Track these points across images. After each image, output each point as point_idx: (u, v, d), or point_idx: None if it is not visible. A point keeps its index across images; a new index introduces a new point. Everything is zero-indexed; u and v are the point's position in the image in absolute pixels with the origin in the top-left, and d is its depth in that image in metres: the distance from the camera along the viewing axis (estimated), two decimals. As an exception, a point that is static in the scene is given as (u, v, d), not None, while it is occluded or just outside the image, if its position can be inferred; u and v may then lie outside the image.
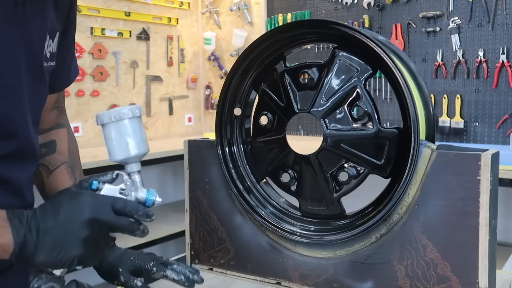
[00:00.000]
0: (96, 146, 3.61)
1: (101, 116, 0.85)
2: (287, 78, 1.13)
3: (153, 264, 1.03)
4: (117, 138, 0.85)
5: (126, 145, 0.85)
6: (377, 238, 1.03)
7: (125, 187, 0.85)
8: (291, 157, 1.14)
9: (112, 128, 0.84)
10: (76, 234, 0.79)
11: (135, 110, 0.85)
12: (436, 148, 0.98)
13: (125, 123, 0.84)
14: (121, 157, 0.85)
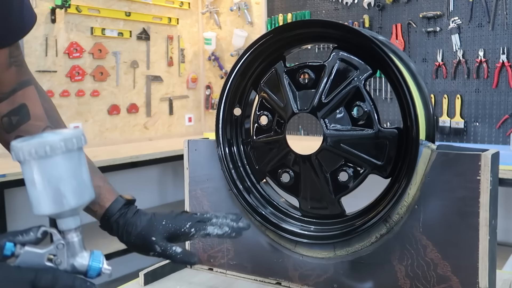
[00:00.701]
0: (97, 146, 3.61)
1: (18, 149, 0.58)
2: (287, 78, 1.13)
3: (189, 225, 0.89)
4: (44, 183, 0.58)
5: (56, 194, 0.59)
6: (377, 238, 1.03)
7: (55, 251, 0.61)
8: (291, 157, 1.14)
9: (35, 168, 0.58)
10: None
11: (71, 140, 0.61)
12: (436, 148, 0.98)
13: (55, 161, 0.58)
14: (50, 211, 0.60)
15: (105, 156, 3.16)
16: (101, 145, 3.66)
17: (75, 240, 0.62)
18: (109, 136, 3.74)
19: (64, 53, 3.42)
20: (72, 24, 3.45)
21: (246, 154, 1.20)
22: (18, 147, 0.58)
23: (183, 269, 1.27)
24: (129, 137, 3.87)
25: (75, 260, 0.62)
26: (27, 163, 0.58)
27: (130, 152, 3.33)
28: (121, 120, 3.82)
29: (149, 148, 3.54)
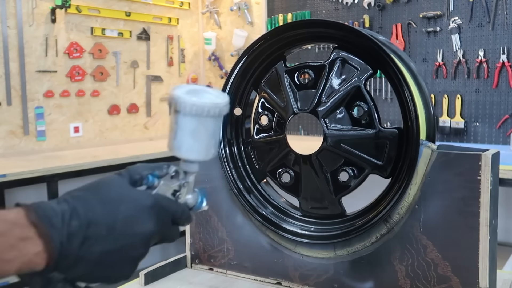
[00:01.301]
0: (97, 146, 3.61)
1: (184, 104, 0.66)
2: (287, 78, 1.13)
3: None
4: (196, 135, 0.68)
5: (202, 146, 0.69)
6: (378, 238, 1.03)
7: (178, 188, 0.71)
8: (292, 157, 1.14)
9: (195, 122, 0.67)
10: (133, 250, 0.63)
11: (225, 107, 0.69)
12: (436, 148, 0.98)
13: (214, 121, 0.68)
14: (193, 157, 0.69)
15: (105, 156, 3.16)
16: (101, 145, 3.66)
17: (191, 181, 0.72)
18: (109, 136, 3.75)
19: (64, 53, 3.42)
20: (72, 24, 3.45)
21: (247, 154, 1.20)
22: (186, 100, 0.66)
23: (183, 269, 1.27)
24: (129, 137, 3.87)
25: (188, 197, 0.72)
26: (193, 117, 0.67)
27: (130, 152, 3.33)
28: (121, 120, 3.82)
29: (150, 148, 3.54)
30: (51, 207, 0.59)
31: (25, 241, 0.56)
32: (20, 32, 3.17)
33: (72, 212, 0.59)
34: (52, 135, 3.39)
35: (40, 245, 0.56)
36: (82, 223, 0.59)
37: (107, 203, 0.62)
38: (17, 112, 3.19)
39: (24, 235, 0.56)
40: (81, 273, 0.60)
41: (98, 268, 0.61)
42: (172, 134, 0.69)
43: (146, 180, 0.69)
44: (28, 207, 0.58)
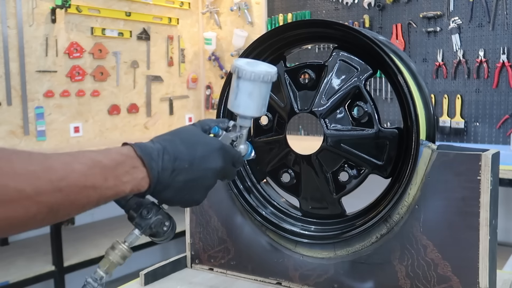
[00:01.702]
0: (97, 146, 3.61)
1: (245, 71, 0.84)
2: (287, 78, 1.13)
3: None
4: (254, 96, 0.86)
5: (256, 105, 0.87)
6: (378, 238, 1.03)
7: (235, 139, 0.89)
8: (292, 157, 1.14)
9: (252, 86, 0.85)
10: (206, 181, 0.81)
11: (275, 75, 0.87)
12: (436, 148, 0.98)
13: (266, 86, 0.86)
14: (249, 114, 0.88)
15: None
16: (101, 145, 3.66)
17: (245, 134, 0.90)
18: (110, 136, 3.75)
19: (64, 53, 3.42)
20: (72, 24, 3.45)
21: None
22: (251, 70, 0.84)
23: (183, 269, 1.27)
24: (130, 137, 3.87)
25: (241, 146, 0.90)
26: (248, 80, 0.85)
27: (131, 152, 3.32)
28: (122, 120, 3.82)
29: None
30: (150, 146, 0.76)
31: (135, 168, 0.73)
32: (20, 32, 3.17)
33: (164, 150, 0.77)
34: (52, 135, 3.39)
35: (144, 172, 0.74)
36: (171, 158, 0.77)
37: (188, 144, 0.80)
38: (17, 112, 3.19)
39: (134, 164, 0.73)
40: (168, 196, 0.78)
41: (179, 193, 0.79)
42: (233, 96, 0.87)
43: (214, 130, 0.87)
44: (134, 145, 0.75)
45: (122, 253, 0.82)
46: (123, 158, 0.72)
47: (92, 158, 0.69)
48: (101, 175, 0.69)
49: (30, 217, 0.62)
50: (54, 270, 2.95)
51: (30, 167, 0.62)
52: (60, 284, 2.98)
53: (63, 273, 3.00)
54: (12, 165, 0.60)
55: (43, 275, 2.91)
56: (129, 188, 0.73)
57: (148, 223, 0.81)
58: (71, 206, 0.66)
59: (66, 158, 0.67)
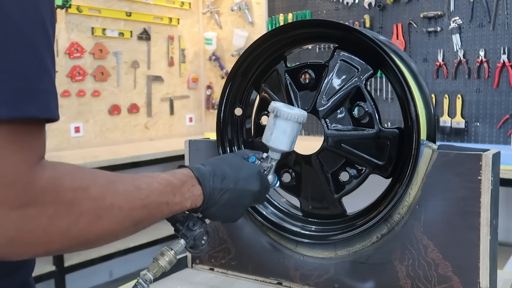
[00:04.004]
0: (97, 146, 3.61)
1: (284, 112, 0.96)
2: (288, 78, 1.13)
3: None
4: (287, 133, 0.98)
5: (288, 141, 0.98)
6: (378, 238, 1.03)
7: (267, 169, 1.00)
8: (292, 157, 1.14)
9: (288, 125, 0.97)
10: (245, 201, 0.92)
11: (304, 118, 0.99)
12: (437, 148, 0.98)
13: (298, 126, 0.98)
14: (282, 148, 0.99)
15: (106, 156, 3.16)
16: (101, 145, 3.66)
17: (274, 166, 1.01)
18: (110, 136, 3.75)
19: (64, 53, 3.43)
20: (72, 24, 3.45)
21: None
22: (289, 112, 0.96)
23: (184, 269, 1.27)
24: (130, 137, 3.87)
25: (269, 176, 1.01)
26: (284, 120, 0.97)
27: (131, 152, 3.33)
28: (122, 120, 3.82)
29: (150, 148, 3.54)
30: (203, 167, 0.87)
31: (194, 186, 0.84)
32: (21, 32, 3.16)
33: (214, 171, 0.88)
34: (52, 135, 3.39)
35: (200, 190, 0.85)
36: (220, 178, 0.88)
37: (233, 167, 0.91)
38: (18, 112, 3.19)
39: (193, 183, 0.84)
40: (213, 212, 0.88)
41: (222, 210, 0.88)
42: (269, 132, 0.99)
43: (251, 159, 0.98)
44: (190, 167, 0.86)
45: (169, 259, 0.90)
46: (186, 178, 0.84)
47: (166, 178, 0.80)
48: (172, 192, 0.79)
49: (122, 230, 0.71)
50: (55, 270, 2.96)
51: (127, 187, 0.71)
52: (60, 284, 2.98)
53: (64, 273, 3.00)
54: (116, 186, 0.69)
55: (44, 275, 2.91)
56: (189, 204, 0.83)
57: (193, 235, 0.89)
58: (149, 220, 0.76)
59: (147, 179, 0.76)
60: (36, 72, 0.60)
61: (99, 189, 0.66)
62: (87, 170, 0.68)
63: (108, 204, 0.67)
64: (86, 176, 0.66)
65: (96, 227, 0.66)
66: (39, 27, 0.62)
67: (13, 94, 0.57)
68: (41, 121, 0.61)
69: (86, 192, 0.64)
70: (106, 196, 0.67)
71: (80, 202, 0.63)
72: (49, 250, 0.65)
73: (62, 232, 0.63)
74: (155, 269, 0.90)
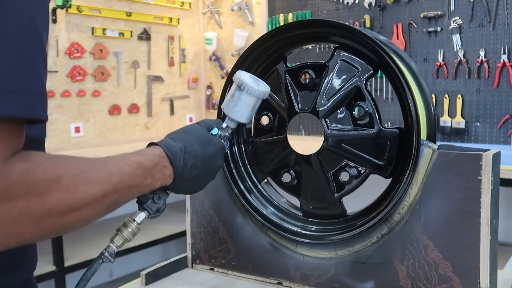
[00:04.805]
0: (98, 146, 3.61)
1: (250, 88, 0.97)
2: (288, 78, 1.13)
3: None
4: (249, 107, 0.99)
5: (250, 115, 1.00)
6: (379, 238, 1.03)
7: (224, 137, 1.01)
8: (292, 157, 1.14)
9: (251, 100, 0.98)
10: (211, 176, 0.96)
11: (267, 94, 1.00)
12: (437, 148, 0.98)
13: (259, 101, 1.00)
14: (241, 120, 1.00)
15: (106, 156, 3.16)
16: (102, 145, 3.66)
17: (229, 133, 1.02)
18: (110, 136, 3.75)
19: (65, 53, 3.42)
20: (73, 24, 3.45)
21: (247, 154, 1.20)
22: (254, 88, 0.97)
23: (184, 269, 1.27)
24: (130, 137, 3.87)
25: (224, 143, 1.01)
26: (250, 95, 0.97)
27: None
28: (122, 120, 3.82)
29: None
30: (173, 145, 0.88)
31: (165, 167, 0.85)
32: (21, 32, 3.16)
33: (185, 149, 0.88)
34: (53, 135, 3.39)
35: (171, 170, 0.86)
36: (190, 156, 0.89)
37: (202, 143, 0.92)
38: (18, 112, 3.19)
39: (164, 164, 0.85)
40: (181, 187, 0.90)
41: (190, 185, 0.91)
42: (233, 103, 0.99)
43: (215, 131, 0.98)
44: (162, 146, 0.87)
45: (132, 230, 0.91)
46: (157, 159, 0.84)
47: (137, 161, 0.80)
48: (143, 175, 0.80)
49: (94, 215, 0.71)
50: (55, 270, 2.95)
51: (99, 173, 0.72)
52: (61, 284, 2.98)
53: (64, 273, 3.00)
54: (88, 175, 0.70)
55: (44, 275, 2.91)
56: (159, 184, 0.85)
57: (157, 207, 0.91)
58: (119, 202, 0.76)
59: (119, 162, 0.77)
60: (21, 74, 0.61)
61: (72, 179, 0.67)
62: (61, 159, 0.68)
63: (81, 193, 0.67)
64: (59, 166, 0.66)
65: (69, 217, 0.67)
66: (29, 31, 0.63)
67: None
68: (21, 120, 0.62)
69: (59, 183, 0.65)
70: (79, 185, 0.68)
71: (52, 194, 0.64)
72: (22, 241, 0.65)
73: (34, 223, 0.64)
74: (119, 241, 0.90)
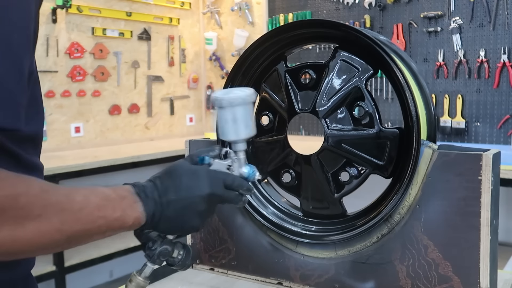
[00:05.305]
0: (98, 147, 3.61)
1: (217, 100, 0.90)
2: (288, 78, 1.13)
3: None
4: (232, 121, 0.91)
5: (238, 128, 0.91)
6: (379, 238, 1.03)
7: (231, 164, 0.92)
8: (292, 157, 1.14)
9: (227, 112, 0.90)
10: (196, 207, 0.87)
11: (248, 97, 0.91)
12: (437, 148, 0.98)
13: (238, 109, 0.90)
14: (233, 138, 0.92)
15: (106, 156, 3.16)
16: (102, 145, 3.66)
17: (242, 157, 0.93)
18: (110, 136, 3.75)
19: (65, 53, 3.43)
20: (73, 24, 3.45)
21: (248, 154, 1.20)
22: (220, 98, 0.89)
23: (184, 269, 1.27)
24: (130, 137, 3.87)
25: (241, 170, 0.92)
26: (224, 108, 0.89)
27: (131, 152, 3.33)
28: (122, 120, 3.82)
29: (150, 148, 3.54)
30: (144, 184, 0.85)
31: (136, 203, 0.81)
32: (21, 32, 3.16)
33: (155, 186, 0.85)
34: (53, 135, 3.39)
35: (142, 207, 0.81)
36: (161, 192, 0.84)
37: (174, 176, 0.87)
38: (18, 112, 3.19)
39: (135, 200, 0.81)
40: (165, 227, 0.85)
41: (174, 223, 0.85)
42: (219, 125, 0.93)
43: (203, 160, 0.91)
44: (132, 184, 0.84)
45: (137, 284, 0.88)
46: (126, 194, 0.81)
47: (104, 192, 0.78)
48: (111, 207, 0.77)
49: (51, 243, 0.69)
50: (55, 270, 2.95)
51: (59, 198, 0.70)
52: (61, 284, 2.98)
53: (64, 273, 3.00)
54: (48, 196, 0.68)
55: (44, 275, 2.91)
56: (132, 221, 0.80)
57: (154, 254, 0.87)
58: (84, 235, 0.73)
59: (85, 191, 0.75)
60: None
61: (29, 199, 0.66)
62: (22, 178, 0.67)
63: (35, 215, 0.66)
64: (18, 185, 0.65)
65: (19, 237, 0.65)
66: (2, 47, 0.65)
67: None
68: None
69: (15, 200, 0.64)
70: (35, 206, 0.66)
71: (5, 210, 0.63)
72: None
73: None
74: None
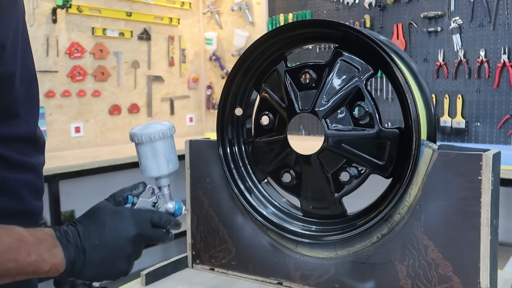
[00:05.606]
0: (98, 147, 3.61)
1: (136, 136, 0.88)
2: (288, 78, 1.13)
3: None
4: (151, 157, 0.89)
5: (159, 164, 0.90)
6: (379, 238, 1.03)
7: (157, 200, 0.92)
8: (292, 157, 1.14)
9: (147, 148, 0.89)
10: (123, 250, 0.84)
11: (168, 130, 0.90)
12: (437, 148, 0.98)
13: (159, 144, 0.89)
14: (156, 174, 0.91)
15: (106, 156, 3.16)
16: (102, 145, 3.66)
17: (166, 193, 0.93)
18: (110, 136, 3.75)
19: (65, 53, 3.43)
20: (73, 24, 3.45)
21: (247, 154, 1.20)
22: (137, 134, 0.87)
23: (184, 269, 1.27)
24: (130, 137, 3.87)
25: (167, 206, 0.92)
26: (141, 144, 0.88)
27: (131, 152, 3.29)
28: (122, 120, 3.82)
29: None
30: (67, 229, 0.81)
31: (55, 248, 0.77)
32: (21, 32, 3.17)
33: (78, 231, 0.81)
34: (53, 135, 3.39)
35: (61, 253, 0.77)
36: (84, 237, 0.81)
37: (97, 220, 0.84)
38: (18, 112, 3.19)
39: (55, 244, 0.77)
40: (89, 274, 0.81)
41: (100, 269, 0.81)
42: (140, 162, 0.92)
43: (126, 200, 0.90)
44: (54, 228, 0.80)
45: None
46: (45, 237, 0.77)
47: (20, 233, 0.73)
48: (25, 251, 0.72)
49: None
50: (55, 270, 2.95)
51: None
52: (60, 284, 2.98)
53: (64, 273, 3.00)
54: None
55: (44, 275, 2.91)
56: (49, 267, 0.76)
57: None
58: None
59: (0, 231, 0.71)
60: None
61: None
62: None
63: None
64: None
65: None
66: None
67: None
68: None
69: None
70: None
71: None
72: None
73: None
74: None
